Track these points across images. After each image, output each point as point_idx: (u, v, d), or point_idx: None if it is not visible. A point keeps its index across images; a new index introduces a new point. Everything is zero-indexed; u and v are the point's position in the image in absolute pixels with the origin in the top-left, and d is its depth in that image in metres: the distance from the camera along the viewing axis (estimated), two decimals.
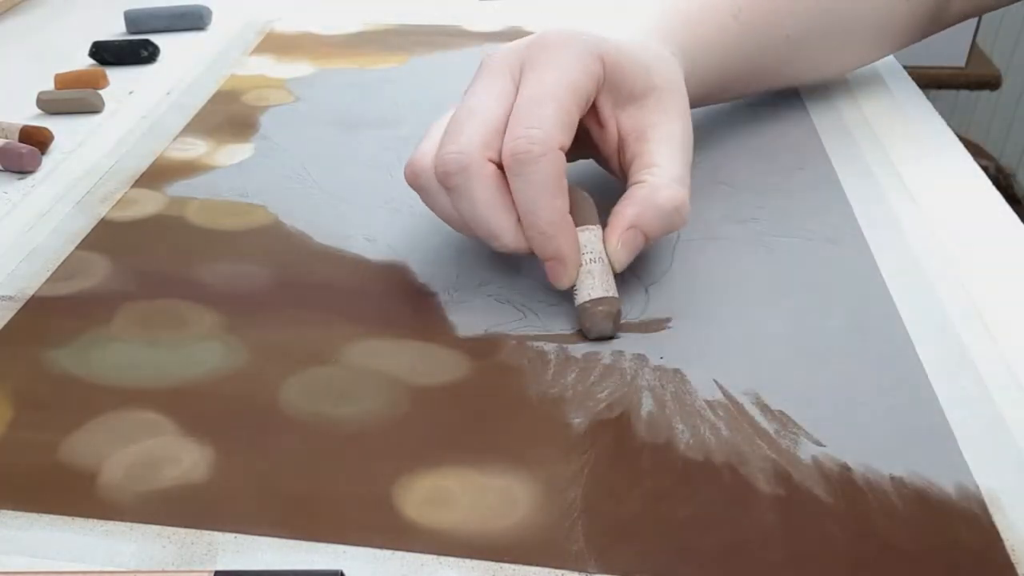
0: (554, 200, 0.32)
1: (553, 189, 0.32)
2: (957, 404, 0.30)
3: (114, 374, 0.32)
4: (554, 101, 0.33)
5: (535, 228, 0.33)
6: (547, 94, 0.33)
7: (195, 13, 0.63)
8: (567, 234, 0.33)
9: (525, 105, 0.33)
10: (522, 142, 0.32)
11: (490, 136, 0.33)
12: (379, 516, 0.26)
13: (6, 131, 0.47)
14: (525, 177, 0.32)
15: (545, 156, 0.32)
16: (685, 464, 0.28)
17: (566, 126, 0.33)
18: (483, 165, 0.33)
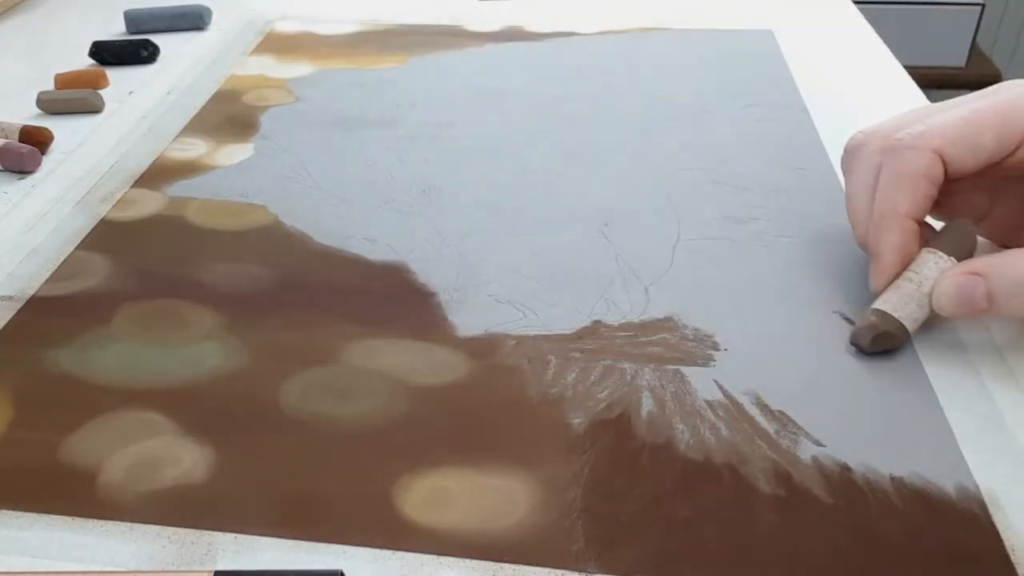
0: (896, 194, 0.30)
1: (900, 183, 0.30)
2: (957, 404, 0.30)
3: (114, 374, 0.32)
4: (968, 112, 0.30)
5: (873, 216, 0.31)
6: (968, 108, 0.30)
7: (195, 13, 0.63)
8: (891, 234, 0.30)
9: (941, 108, 0.31)
10: (902, 132, 0.31)
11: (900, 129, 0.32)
12: (379, 516, 0.26)
13: (6, 131, 0.47)
14: (888, 164, 0.31)
15: (911, 149, 0.30)
16: (685, 464, 0.28)
17: (962, 141, 0.30)
18: (875, 152, 0.32)
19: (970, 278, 0.29)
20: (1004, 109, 0.30)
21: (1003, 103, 0.30)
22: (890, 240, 0.30)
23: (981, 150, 0.30)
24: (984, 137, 0.30)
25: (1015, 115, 0.30)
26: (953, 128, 0.30)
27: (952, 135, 0.30)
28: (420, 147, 0.47)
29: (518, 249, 0.39)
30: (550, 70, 0.56)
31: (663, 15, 0.65)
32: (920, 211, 0.31)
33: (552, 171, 0.45)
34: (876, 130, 0.33)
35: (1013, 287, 0.29)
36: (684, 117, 0.50)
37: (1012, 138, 0.30)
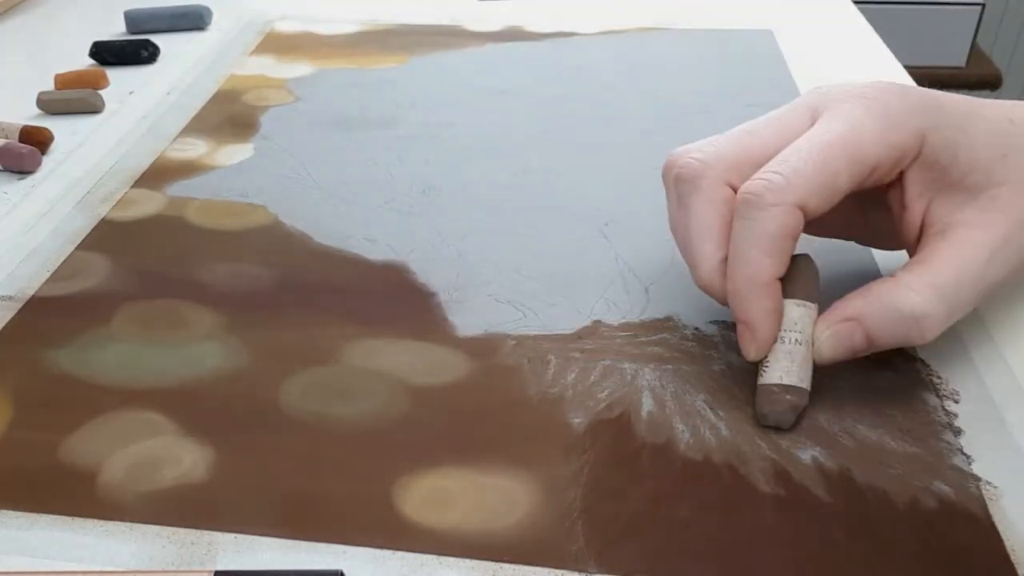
0: (763, 257, 0.28)
1: (766, 245, 0.28)
2: (957, 404, 0.30)
3: (114, 374, 0.32)
4: (819, 155, 0.28)
5: (734, 281, 0.29)
6: (817, 146, 0.29)
7: (195, 13, 0.63)
8: (763, 302, 0.29)
9: (790, 150, 0.29)
10: (758, 183, 0.28)
11: (743, 160, 0.30)
12: (379, 516, 0.26)
13: (6, 131, 0.47)
14: (744, 221, 0.28)
15: (774, 207, 0.28)
16: (685, 464, 0.28)
17: (819, 187, 0.28)
18: (717, 186, 0.30)
19: (846, 325, 0.29)
20: (851, 144, 0.29)
21: (847, 135, 0.29)
22: (764, 307, 0.29)
23: (837, 191, 0.29)
24: (840, 179, 0.28)
25: (862, 149, 0.29)
26: (812, 176, 0.28)
27: (811, 185, 0.28)
28: (420, 147, 0.47)
29: (518, 249, 0.39)
30: (550, 70, 0.56)
31: (663, 15, 0.65)
32: (783, 270, 0.29)
33: (552, 171, 0.45)
34: (714, 159, 0.30)
35: (888, 325, 0.28)
36: (684, 117, 0.50)
37: (862, 173, 0.29)
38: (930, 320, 0.28)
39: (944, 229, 0.30)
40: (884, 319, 0.28)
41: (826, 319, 0.29)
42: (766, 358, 0.29)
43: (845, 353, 0.29)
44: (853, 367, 0.32)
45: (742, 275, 0.29)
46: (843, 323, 0.29)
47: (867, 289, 0.29)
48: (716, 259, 0.30)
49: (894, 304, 0.28)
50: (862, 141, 0.29)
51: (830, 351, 0.29)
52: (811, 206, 0.28)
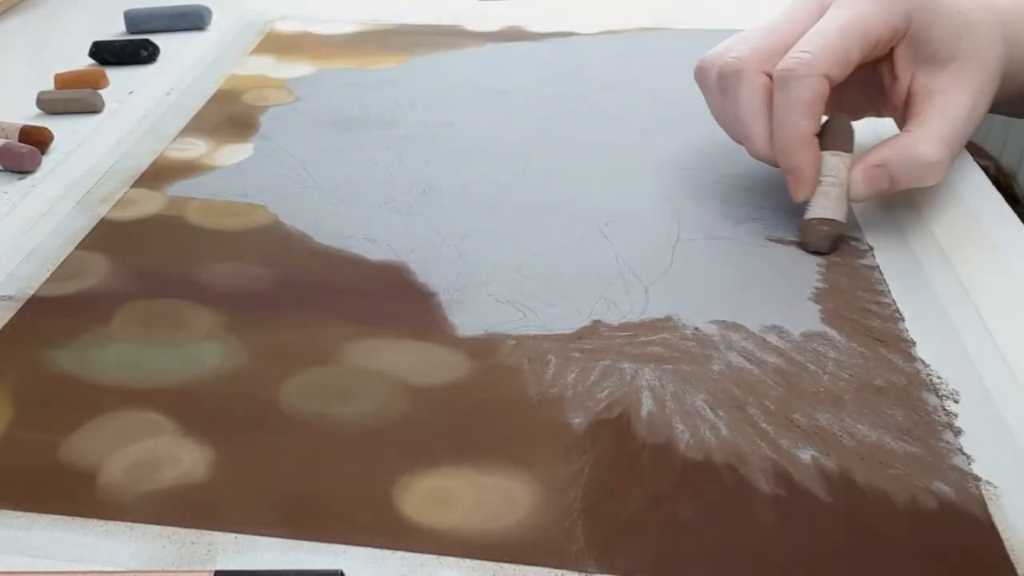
0: (801, 119, 0.35)
1: (803, 109, 0.35)
2: (957, 404, 0.30)
3: (114, 374, 0.32)
4: (836, 35, 0.36)
5: (780, 142, 0.36)
6: (833, 28, 0.36)
7: (195, 13, 0.63)
8: (806, 153, 0.36)
9: (810, 33, 0.36)
10: (791, 61, 0.36)
11: (772, 51, 0.37)
12: (379, 516, 0.26)
13: (6, 131, 0.47)
14: (784, 93, 0.36)
15: (806, 78, 0.35)
16: (685, 464, 0.28)
17: (839, 59, 0.35)
18: (756, 74, 0.37)
19: (875, 171, 0.37)
20: (860, 23, 0.36)
21: (857, 18, 0.36)
22: (806, 156, 0.36)
23: (852, 62, 0.36)
24: (853, 52, 0.36)
25: (868, 28, 0.36)
26: (832, 51, 0.35)
27: (833, 59, 0.35)
28: (420, 147, 0.47)
29: (518, 249, 0.39)
30: (550, 70, 0.56)
31: (663, 15, 0.65)
32: (818, 128, 0.36)
33: (552, 171, 0.45)
34: (750, 54, 0.37)
35: (908, 171, 0.36)
36: (684, 117, 0.50)
37: (868, 47, 0.36)
38: (941, 164, 0.36)
39: (929, 94, 0.37)
40: (906, 165, 0.36)
41: (859, 165, 0.37)
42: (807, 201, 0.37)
43: (875, 192, 0.37)
44: (853, 367, 0.32)
45: (787, 134, 0.36)
46: (873, 168, 0.37)
47: (890, 141, 0.37)
48: (767, 132, 0.37)
49: (913, 154, 0.36)
50: (868, 21, 0.36)
51: (863, 191, 0.37)
52: (834, 75, 0.36)
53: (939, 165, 0.36)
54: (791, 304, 0.35)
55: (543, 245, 0.39)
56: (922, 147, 0.36)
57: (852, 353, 0.32)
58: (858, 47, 0.36)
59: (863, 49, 0.36)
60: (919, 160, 0.36)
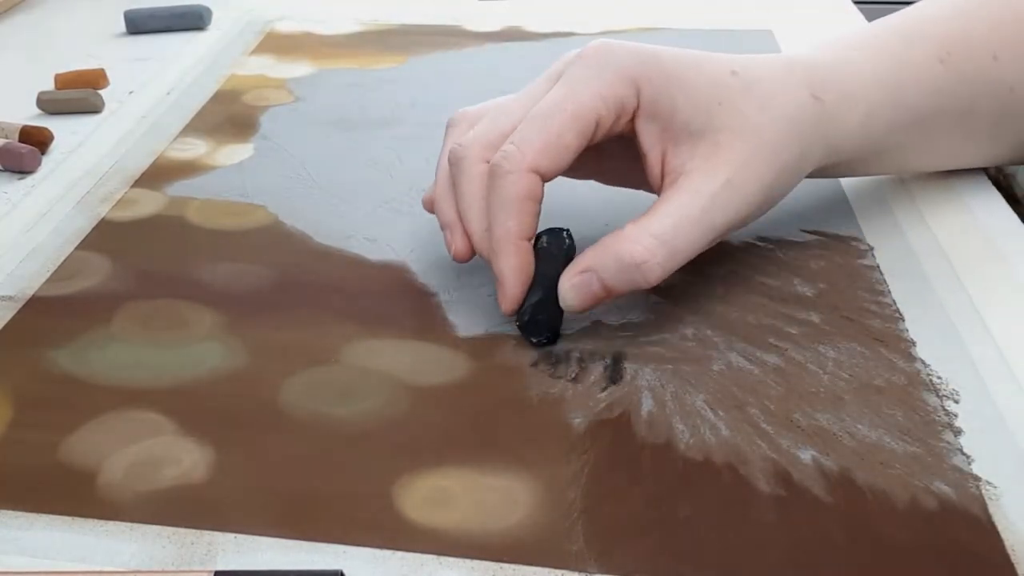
0: (508, 220, 0.31)
1: (510, 208, 0.31)
2: (957, 404, 0.30)
3: (114, 374, 0.32)
4: (543, 121, 0.31)
5: (491, 241, 0.32)
6: (545, 113, 0.32)
7: (195, 13, 0.63)
8: (510, 258, 0.32)
9: (525, 120, 0.32)
10: (497, 155, 0.32)
11: (497, 138, 0.33)
12: (379, 516, 0.26)
13: (6, 131, 0.47)
14: (494, 189, 0.32)
15: (511, 174, 0.31)
16: (685, 464, 0.28)
17: (548, 150, 0.31)
18: (476, 163, 0.33)
19: (584, 276, 0.32)
20: (570, 104, 0.31)
21: (566, 98, 0.32)
22: (510, 264, 0.32)
23: (568, 151, 0.32)
24: (566, 139, 0.31)
25: (581, 108, 0.31)
26: (538, 142, 0.31)
27: (540, 149, 0.31)
28: (420, 147, 0.47)
29: None
30: None
31: (663, 15, 0.65)
32: (529, 230, 0.32)
33: None
34: (473, 140, 0.33)
35: (616, 273, 0.31)
36: None
37: (587, 130, 0.32)
38: (650, 266, 0.31)
39: (675, 178, 0.32)
40: (612, 267, 0.31)
41: (568, 272, 0.32)
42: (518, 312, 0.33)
43: (588, 300, 0.32)
44: (853, 367, 0.32)
45: (493, 235, 0.32)
46: (581, 274, 0.32)
47: (600, 242, 0.32)
48: (481, 228, 0.33)
49: (618, 254, 0.31)
50: (581, 100, 0.31)
51: (574, 299, 0.32)
52: (544, 166, 0.31)
53: (649, 266, 0.31)
54: (791, 304, 0.35)
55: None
56: (628, 245, 0.31)
57: (852, 353, 0.32)
58: (572, 132, 0.31)
59: (580, 134, 0.31)
60: (625, 261, 0.31)
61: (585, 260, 0.32)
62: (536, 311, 0.32)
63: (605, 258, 0.31)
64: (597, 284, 0.31)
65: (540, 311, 0.32)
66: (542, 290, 0.32)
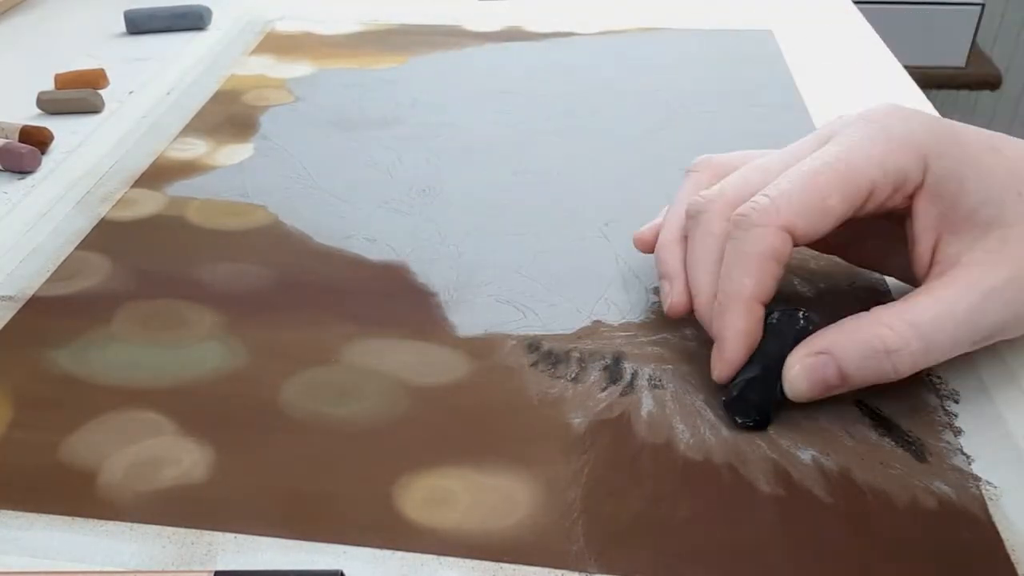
0: (742, 276, 0.28)
1: (747, 264, 0.28)
2: (957, 404, 0.30)
3: (114, 374, 0.32)
4: (808, 178, 0.28)
5: (719, 297, 0.29)
6: (811, 170, 0.28)
7: (195, 13, 0.63)
8: (737, 320, 0.28)
9: (786, 173, 0.29)
10: (746, 206, 0.29)
11: (746, 196, 0.30)
12: (379, 516, 0.26)
13: (6, 131, 0.47)
14: (732, 242, 0.29)
15: (758, 228, 0.28)
16: (685, 464, 0.28)
17: (807, 209, 0.28)
18: (717, 220, 0.30)
19: (819, 359, 0.28)
20: (841, 166, 0.28)
21: (839, 159, 0.28)
22: (735, 326, 0.29)
23: (830, 214, 0.28)
24: (830, 201, 0.28)
25: (855, 171, 0.28)
26: (798, 199, 0.28)
27: (798, 207, 0.28)
28: (420, 147, 0.47)
29: (518, 249, 0.39)
30: (550, 70, 0.56)
31: (663, 15, 0.65)
32: (766, 293, 0.29)
33: (552, 171, 0.45)
34: (718, 195, 0.31)
35: (859, 359, 0.28)
36: (684, 117, 0.50)
37: (857, 196, 0.28)
38: (902, 355, 0.27)
39: (946, 268, 0.28)
40: (855, 353, 0.28)
41: (797, 352, 0.28)
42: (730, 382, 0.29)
43: (818, 387, 0.28)
44: None
45: (723, 292, 0.29)
46: (815, 356, 0.28)
47: (842, 322, 0.29)
48: (711, 290, 0.30)
49: (865, 337, 0.28)
50: (855, 163, 0.28)
51: (804, 384, 0.28)
52: (799, 227, 0.28)
53: (901, 355, 0.27)
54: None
55: (543, 245, 0.39)
56: (878, 329, 0.27)
57: None
58: (839, 196, 0.28)
59: (847, 199, 0.28)
60: (872, 346, 0.27)
61: (822, 341, 0.28)
62: (748, 388, 0.29)
63: (847, 341, 0.28)
64: (833, 369, 0.28)
65: (752, 390, 0.29)
66: (760, 367, 0.29)
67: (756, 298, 0.28)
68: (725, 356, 0.29)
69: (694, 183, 0.34)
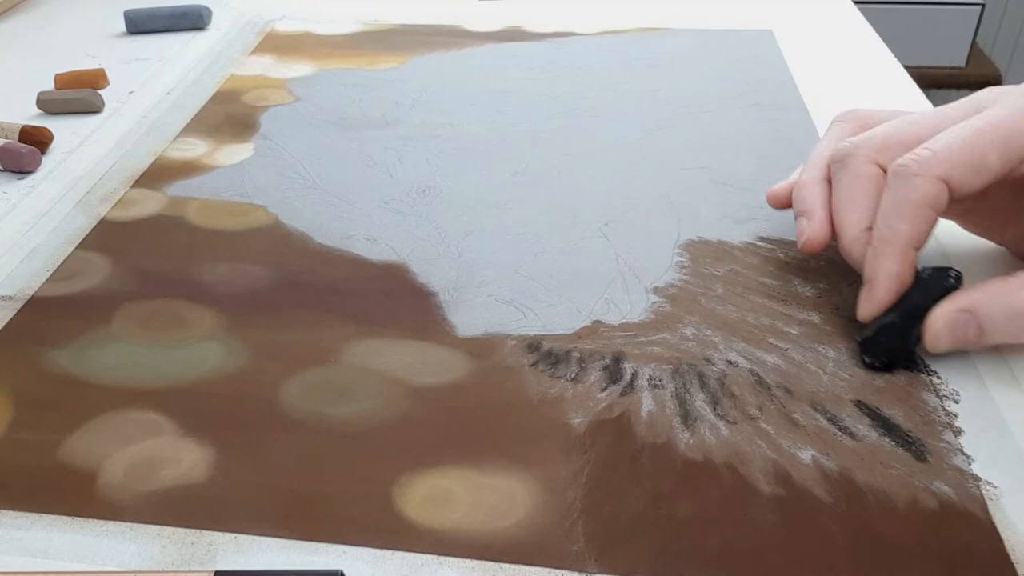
0: (899, 222, 0.30)
1: (905, 211, 0.30)
2: (957, 404, 0.30)
3: (114, 374, 0.32)
4: (972, 134, 0.30)
5: (871, 243, 0.31)
6: (971, 127, 0.30)
7: (195, 13, 0.63)
8: (891, 263, 0.30)
9: (949, 129, 0.31)
10: (907, 157, 0.31)
11: (896, 144, 0.32)
12: (379, 516, 0.26)
13: (6, 131, 0.47)
14: (891, 191, 0.31)
15: (918, 177, 0.30)
16: (685, 464, 0.28)
17: (966, 163, 0.30)
18: (863, 163, 0.32)
19: (961, 315, 0.30)
20: (1005, 126, 0.30)
21: (1003, 119, 0.30)
22: (888, 268, 0.30)
23: (986, 171, 0.30)
24: (989, 158, 0.30)
25: (1017, 131, 0.30)
26: (959, 153, 0.30)
27: (958, 160, 0.30)
28: (420, 147, 0.47)
29: (518, 249, 0.39)
30: (550, 70, 0.56)
31: (663, 15, 0.65)
32: (921, 240, 0.31)
33: (552, 171, 0.45)
34: (865, 141, 0.33)
35: (1002, 319, 0.30)
36: (684, 117, 0.50)
37: (1016, 155, 0.30)
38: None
39: None
40: (998, 313, 0.30)
41: (943, 306, 0.30)
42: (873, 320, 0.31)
43: (958, 342, 0.30)
44: (853, 367, 0.32)
45: (878, 236, 0.31)
46: (959, 312, 0.30)
47: (985, 283, 0.30)
48: (858, 228, 0.32)
49: (1011, 301, 0.29)
50: (1017, 124, 0.30)
51: (944, 338, 0.30)
52: (955, 180, 0.30)
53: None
54: (791, 304, 0.35)
55: (543, 245, 0.39)
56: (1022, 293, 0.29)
57: (852, 353, 0.32)
58: (997, 153, 0.30)
59: (1004, 157, 0.30)
60: (1017, 309, 0.29)
61: (967, 299, 0.30)
62: (884, 332, 0.31)
63: (991, 302, 0.30)
64: (974, 326, 0.30)
65: (887, 334, 0.31)
66: (899, 314, 0.31)
67: (911, 244, 0.30)
68: (875, 296, 0.31)
69: (839, 131, 0.36)
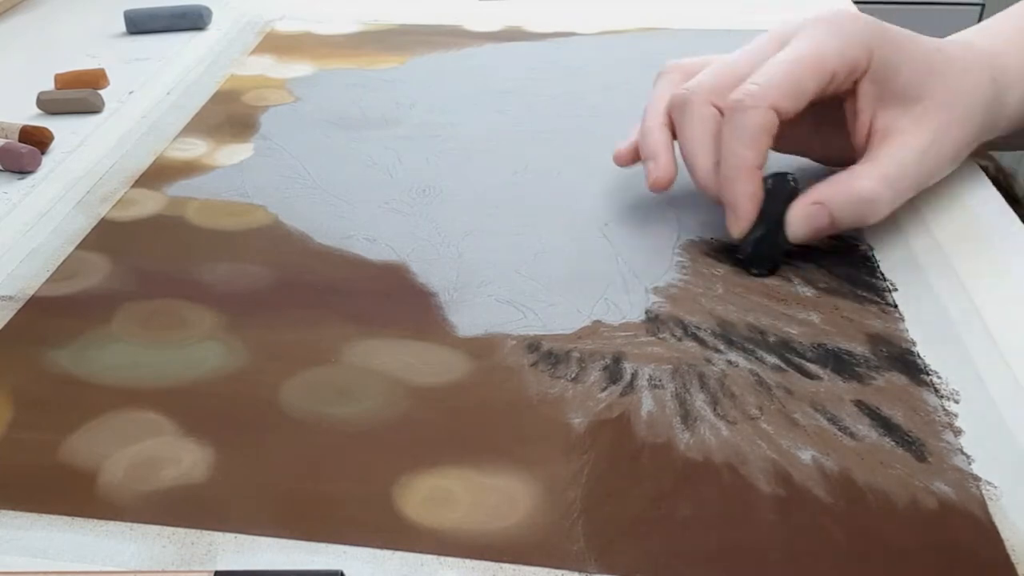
0: (745, 150, 0.35)
1: (747, 140, 0.34)
2: (957, 404, 0.30)
3: (114, 374, 0.32)
4: (788, 66, 0.35)
5: (722, 172, 0.35)
6: (786, 60, 0.35)
7: (195, 13, 0.63)
8: (745, 186, 0.35)
9: (763, 66, 0.35)
10: (739, 92, 0.35)
11: (724, 84, 0.36)
12: (379, 516, 0.26)
13: (6, 131, 0.47)
14: (730, 124, 0.35)
15: (753, 109, 0.34)
16: (685, 464, 0.28)
17: (789, 92, 0.34)
18: (702, 105, 0.37)
19: (814, 208, 0.35)
20: (814, 56, 0.35)
21: (811, 50, 0.35)
22: (744, 190, 0.35)
23: (805, 95, 0.35)
24: (806, 84, 0.35)
25: (823, 61, 0.35)
26: (782, 83, 0.34)
27: (782, 90, 0.34)
28: (420, 147, 0.47)
29: (518, 249, 0.39)
30: (550, 70, 0.56)
31: (663, 15, 0.65)
32: (763, 160, 0.35)
33: (552, 171, 0.45)
34: (698, 85, 0.37)
35: (848, 207, 0.35)
36: None
37: (824, 80, 0.35)
38: (880, 203, 0.35)
39: (887, 135, 0.36)
40: (845, 202, 0.35)
41: (798, 203, 0.35)
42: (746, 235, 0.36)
43: (813, 231, 0.35)
44: (853, 367, 0.32)
45: (728, 165, 0.35)
46: (812, 206, 0.35)
47: (831, 178, 0.36)
48: (709, 163, 0.36)
49: (852, 190, 0.35)
50: (824, 54, 0.35)
51: (801, 229, 0.35)
52: (783, 107, 0.34)
53: (878, 203, 0.35)
54: (791, 304, 0.35)
55: (543, 245, 0.39)
56: (862, 182, 0.35)
57: (852, 353, 0.32)
58: (811, 80, 0.35)
59: (817, 82, 0.35)
60: (858, 195, 0.35)
61: (816, 194, 0.35)
62: (758, 245, 0.36)
63: (837, 193, 0.35)
64: (825, 216, 0.35)
65: (761, 245, 0.36)
66: (764, 227, 0.36)
67: (757, 166, 0.35)
68: (740, 215, 0.36)
69: (668, 82, 0.40)
